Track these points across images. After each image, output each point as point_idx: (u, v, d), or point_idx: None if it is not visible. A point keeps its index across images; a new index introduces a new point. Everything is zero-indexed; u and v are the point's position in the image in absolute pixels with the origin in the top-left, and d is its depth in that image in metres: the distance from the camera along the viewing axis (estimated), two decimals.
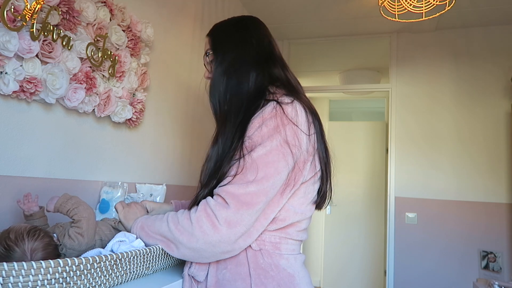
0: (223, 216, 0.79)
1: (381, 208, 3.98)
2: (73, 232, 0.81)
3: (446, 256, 2.81)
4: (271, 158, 0.81)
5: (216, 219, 0.79)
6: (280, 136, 0.82)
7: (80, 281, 0.66)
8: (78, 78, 1.17)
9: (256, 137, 0.83)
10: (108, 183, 1.37)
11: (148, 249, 0.83)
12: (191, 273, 0.89)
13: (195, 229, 0.80)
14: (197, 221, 0.81)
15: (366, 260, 4.01)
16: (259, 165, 0.80)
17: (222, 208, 0.80)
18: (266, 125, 0.83)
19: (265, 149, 0.81)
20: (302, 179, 0.87)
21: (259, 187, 0.80)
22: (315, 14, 2.89)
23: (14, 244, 0.70)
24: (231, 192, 0.80)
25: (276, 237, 0.87)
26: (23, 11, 0.96)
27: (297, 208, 0.88)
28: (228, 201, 0.80)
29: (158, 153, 1.75)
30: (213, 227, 0.79)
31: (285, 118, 0.83)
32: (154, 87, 1.69)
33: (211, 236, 0.79)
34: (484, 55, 2.93)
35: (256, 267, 0.84)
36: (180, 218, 0.84)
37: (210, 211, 0.81)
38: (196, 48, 2.08)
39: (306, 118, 0.87)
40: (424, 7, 2.00)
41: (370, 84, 3.77)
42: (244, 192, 0.79)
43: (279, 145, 0.81)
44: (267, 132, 0.82)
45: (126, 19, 1.40)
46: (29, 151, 1.08)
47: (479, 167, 2.83)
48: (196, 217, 0.81)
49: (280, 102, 0.85)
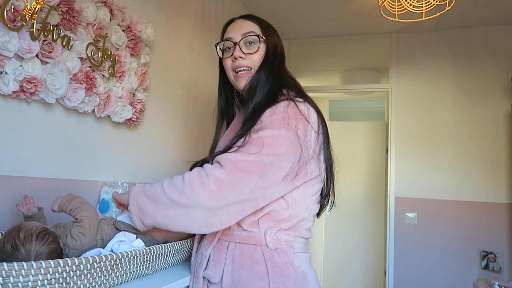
0: (215, 174, 0.80)
1: (381, 208, 3.98)
2: (75, 232, 0.81)
3: (446, 256, 2.81)
4: (275, 141, 0.83)
5: (207, 177, 0.80)
6: (290, 127, 0.85)
7: (80, 281, 0.66)
8: (78, 78, 1.17)
9: (265, 122, 0.85)
10: (108, 183, 1.37)
11: (148, 249, 0.83)
12: (207, 275, 0.89)
13: (186, 186, 0.81)
14: (189, 180, 0.81)
15: (366, 260, 4.00)
16: (263, 142, 0.82)
17: (215, 168, 0.82)
18: (277, 114, 0.86)
19: (272, 132, 0.84)
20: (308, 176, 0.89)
21: (256, 158, 0.81)
22: (315, 14, 2.89)
23: (22, 245, 0.70)
24: (228, 157, 0.82)
25: (290, 235, 0.90)
26: (23, 11, 0.96)
27: (307, 205, 0.92)
28: (223, 164, 0.82)
29: (158, 153, 1.75)
30: (202, 184, 0.80)
31: (298, 113, 0.87)
32: (154, 87, 1.69)
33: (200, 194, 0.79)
34: (484, 55, 2.93)
35: (274, 265, 0.86)
36: (174, 178, 0.85)
37: (203, 172, 0.82)
38: (196, 48, 2.08)
39: (317, 118, 0.91)
40: (424, 7, 2.00)
41: (370, 84, 3.77)
42: (240, 159, 0.81)
43: (287, 134, 0.84)
44: (276, 120, 0.85)
45: (126, 19, 1.40)
46: (29, 151, 1.08)
47: (479, 167, 2.83)
48: (188, 176, 0.83)
49: (295, 100, 0.89)
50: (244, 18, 1.03)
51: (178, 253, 1.00)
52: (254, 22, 1.02)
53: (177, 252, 0.99)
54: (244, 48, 0.98)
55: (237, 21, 1.04)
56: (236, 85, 1.02)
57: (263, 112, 0.88)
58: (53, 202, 0.87)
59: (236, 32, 1.00)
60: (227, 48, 1.02)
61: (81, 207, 0.84)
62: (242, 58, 0.98)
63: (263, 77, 0.95)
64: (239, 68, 0.98)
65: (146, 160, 1.65)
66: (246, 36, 0.98)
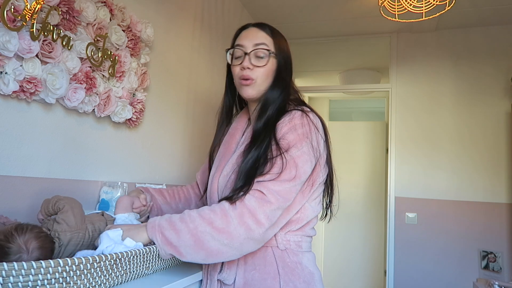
0: (266, 211, 0.82)
1: (381, 208, 3.98)
2: (59, 217, 0.82)
3: (446, 256, 2.81)
4: (303, 159, 0.87)
5: (259, 214, 0.81)
6: (309, 140, 0.89)
7: (80, 281, 0.66)
8: (78, 78, 1.17)
9: (289, 139, 0.88)
10: (108, 183, 1.37)
11: (148, 248, 0.83)
12: (222, 278, 0.92)
13: (238, 225, 0.80)
14: (240, 217, 0.80)
15: (366, 260, 4.00)
16: (292, 164, 0.86)
17: (264, 203, 0.82)
18: (296, 129, 0.89)
19: (299, 151, 0.87)
20: (319, 181, 0.95)
21: (292, 184, 0.85)
22: (315, 14, 2.89)
23: (7, 242, 0.70)
24: (270, 187, 0.84)
25: (298, 236, 0.94)
26: (23, 11, 0.96)
27: (314, 207, 0.96)
28: (268, 196, 0.83)
29: (158, 153, 1.75)
30: (257, 222, 0.81)
31: (312, 124, 0.92)
32: (154, 87, 1.69)
33: (255, 230, 0.81)
34: (484, 55, 2.93)
35: (284, 265, 0.90)
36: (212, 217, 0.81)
37: (251, 207, 0.82)
38: (196, 48, 2.08)
39: (321, 126, 0.96)
40: (424, 7, 2.00)
41: (370, 84, 3.77)
42: (282, 188, 0.84)
43: (308, 148, 0.88)
44: (298, 136, 0.89)
45: (126, 19, 1.40)
46: (29, 151, 1.08)
47: (479, 167, 2.83)
48: (237, 213, 0.81)
49: (304, 110, 0.93)
50: (258, 27, 1.03)
51: None
52: (267, 34, 1.02)
53: None
54: (254, 60, 0.99)
55: (251, 29, 1.04)
56: (241, 92, 1.03)
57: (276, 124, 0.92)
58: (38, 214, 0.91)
59: (248, 41, 1.00)
60: (237, 56, 1.03)
61: (58, 201, 0.85)
62: (250, 69, 0.99)
63: (276, 93, 0.99)
64: (245, 78, 1.00)
65: (146, 160, 1.65)
66: (257, 48, 0.99)
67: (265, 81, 0.99)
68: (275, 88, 0.99)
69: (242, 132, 1.08)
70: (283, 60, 1.02)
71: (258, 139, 0.92)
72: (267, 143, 0.89)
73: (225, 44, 2.38)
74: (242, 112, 1.15)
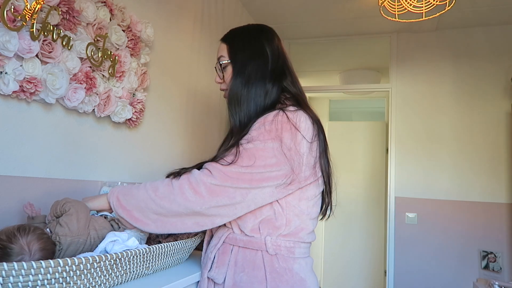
0: (206, 183, 0.82)
1: (381, 208, 3.98)
2: (63, 219, 0.82)
3: (446, 256, 2.81)
4: (265, 153, 0.85)
5: (199, 186, 0.82)
6: (278, 138, 0.86)
7: (80, 281, 0.66)
8: (78, 78, 1.17)
9: (254, 133, 0.88)
10: (107, 183, 1.37)
11: (148, 248, 0.83)
12: (211, 276, 0.93)
13: (177, 194, 0.83)
14: (180, 187, 0.83)
15: (366, 260, 4.00)
16: (254, 155, 0.85)
17: (205, 176, 0.84)
18: (265, 126, 0.87)
19: (261, 145, 0.86)
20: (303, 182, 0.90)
21: (244, 170, 0.84)
22: (315, 14, 2.89)
23: (9, 242, 0.70)
24: (218, 167, 0.85)
25: (290, 241, 0.92)
26: (23, 11, 0.96)
27: (304, 209, 0.93)
28: (213, 172, 0.84)
29: (158, 153, 1.75)
30: (195, 193, 0.82)
31: (285, 122, 0.87)
32: (154, 87, 1.69)
33: (193, 201, 0.82)
34: (484, 55, 2.93)
35: (272, 271, 0.88)
36: (159, 185, 0.86)
37: (193, 179, 0.84)
38: (196, 48, 2.08)
39: (311, 126, 0.91)
40: (424, 7, 2.00)
41: (370, 84, 3.77)
42: (230, 170, 0.84)
43: (275, 146, 0.86)
44: (265, 131, 0.87)
45: (126, 19, 1.40)
46: (29, 151, 1.08)
47: (479, 167, 2.83)
48: (178, 183, 0.84)
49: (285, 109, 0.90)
50: (221, 40, 1.08)
51: (178, 253, 1.00)
52: (225, 43, 1.06)
53: (177, 252, 0.99)
54: (220, 73, 1.06)
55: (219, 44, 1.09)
56: None
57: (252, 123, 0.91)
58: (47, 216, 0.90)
59: (216, 56, 1.07)
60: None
61: (66, 204, 0.85)
62: (220, 82, 1.07)
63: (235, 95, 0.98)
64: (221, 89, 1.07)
65: (146, 160, 1.65)
66: (217, 62, 1.06)
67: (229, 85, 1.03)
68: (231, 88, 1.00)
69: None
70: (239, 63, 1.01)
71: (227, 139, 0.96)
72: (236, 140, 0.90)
73: None
74: None
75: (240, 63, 1.01)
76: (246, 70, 0.99)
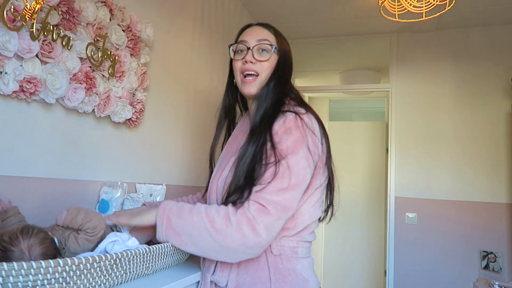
0: (265, 222, 0.82)
1: (381, 208, 3.98)
2: (82, 237, 0.80)
3: (446, 256, 2.81)
4: (300, 165, 0.86)
5: (257, 224, 0.81)
6: (305, 145, 0.87)
7: (80, 281, 0.66)
8: (78, 78, 1.17)
9: (284, 145, 0.87)
10: (107, 183, 1.37)
11: (148, 248, 0.83)
12: (215, 280, 0.92)
13: (235, 231, 0.81)
14: (238, 224, 0.82)
15: (366, 260, 4.00)
16: (291, 172, 0.85)
17: (263, 214, 0.82)
18: (292, 134, 0.87)
19: (295, 158, 0.86)
20: (317, 184, 0.93)
21: (293, 193, 0.84)
22: (315, 14, 2.89)
23: (10, 245, 0.69)
24: (270, 199, 0.83)
25: (294, 241, 0.92)
26: (23, 11, 0.96)
27: (312, 212, 0.93)
28: (268, 207, 0.82)
29: (158, 153, 1.75)
30: (254, 232, 0.81)
31: (306, 127, 0.89)
32: (154, 87, 1.69)
33: (251, 239, 0.81)
34: (484, 55, 2.93)
35: (276, 271, 0.88)
36: (215, 217, 0.84)
37: (251, 216, 0.82)
38: (196, 48, 2.08)
39: (319, 127, 0.94)
40: (424, 7, 2.00)
41: (370, 84, 3.77)
42: (282, 198, 0.83)
43: (305, 153, 0.87)
44: (293, 141, 0.87)
45: (126, 19, 1.40)
46: (29, 151, 1.08)
47: (479, 167, 2.83)
48: (236, 219, 0.82)
49: (298, 112, 0.90)
50: (262, 26, 1.06)
51: (178, 253, 1.00)
52: (270, 32, 1.04)
53: (177, 252, 0.99)
54: (256, 54, 1.00)
55: (254, 27, 1.06)
56: (242, 89, 1.03)
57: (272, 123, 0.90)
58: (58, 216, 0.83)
59: (251, 37, 1.02)
60: (240, 51, 1.03)
61: (90, 221, 0.81)
62: (252, 62, 1.00)
63: (272, 88, 0.98)
64: (248, 71, 1.00)
65: (146, 160, 1.65)
66: (260, 43, 1.01)
67: (268, 76, 1.00)
68: (271, 83, 0.99)
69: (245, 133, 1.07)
70: (283, 58, 1.02)
71: (254, 135, 0.92)
72: (263, 140, 0.89)
73: (225, 44, 2.37)
74: (246, 113, 1.15)
75: (284, 57, 1.03)
76: (286, 66, 1.02)
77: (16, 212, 0.90)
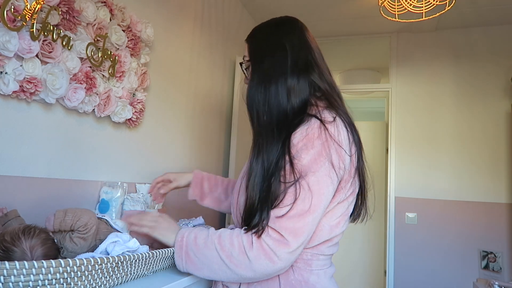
0: (284, 253, 0.79)
1: (381, 208, 3.98)
2: (76, 236, 0.80)
3: (446, 256, 2.81)
4: (322, 185, 0.80)
5: (276, 256, 0.79)
6: (327, 160, 0.80)
7: (81, 282, 0.66)
8: (78, 78, 1.17)
9: (304, 160, 0.80)
10: (107, 183, 1.37)
11: (152, 253, 0.83)
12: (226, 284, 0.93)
13: (254, 265, 0.80)
14: (256, 259, 0.80)
15: (366, 260, 4.00)
16: (313, 193, 0.79)
17: (282, 245, 0.79)
18: (313, 146, 0.80)
19: (316, 176, 0.79)
20: (340, 198, 0.86)
21: (313, 216, 0.80)
22: (315, 14, 2.89)
23: (12, 245, 0.69)
24: (290, 227, 0.79)
25: (308, 254, 0.88)
26: (23, 11, 0.96)
27: (333, 227, 0.87)
28: (288, 238, 0.79)
29: (158, 153, 1.75)
30: (273, 264, 0.80)
31: (330, 139, 0.81)
32: (154, 87, 1.69)
33: (271, 269, 0.81)
34: (484, 55, 2.93)
35: (286, 283, 0.86)
36: (232, 251, 0.82)
37: (268, 249, 0.79)
38: (196, 48, 2.08)
39: (347, 137, 0.85)
40: (424, 7, 2.00)
41: (370, 84, 3.77)
42: (302, 224, 0.79)
43: (327, 170, 0.80)
44: (314, 155, 0.80)
45: (126, 19, 1.40)
46: (29, 151, 1.08)
47: (479, 167, 2.83)
48: (253, 256, 0.80)
49: (323, 120, 0.82)
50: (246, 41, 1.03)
51: None
52: (248, 43, 1.00)
53: None
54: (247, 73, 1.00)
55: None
56: None
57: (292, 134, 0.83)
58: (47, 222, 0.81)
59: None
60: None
61: (80, 219, 0.81)
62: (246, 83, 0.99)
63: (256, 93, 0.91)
64: None
65: (146, 160, 1.65)
66: (242, 63, 1.01)
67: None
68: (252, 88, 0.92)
69: None
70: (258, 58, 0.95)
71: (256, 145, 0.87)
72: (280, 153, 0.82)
73: (225, 44, 2.38)
74: None
75: (257, 61, 0.95)
76: (263, 67, 0.92)
77: (16, 215, 0.90)
